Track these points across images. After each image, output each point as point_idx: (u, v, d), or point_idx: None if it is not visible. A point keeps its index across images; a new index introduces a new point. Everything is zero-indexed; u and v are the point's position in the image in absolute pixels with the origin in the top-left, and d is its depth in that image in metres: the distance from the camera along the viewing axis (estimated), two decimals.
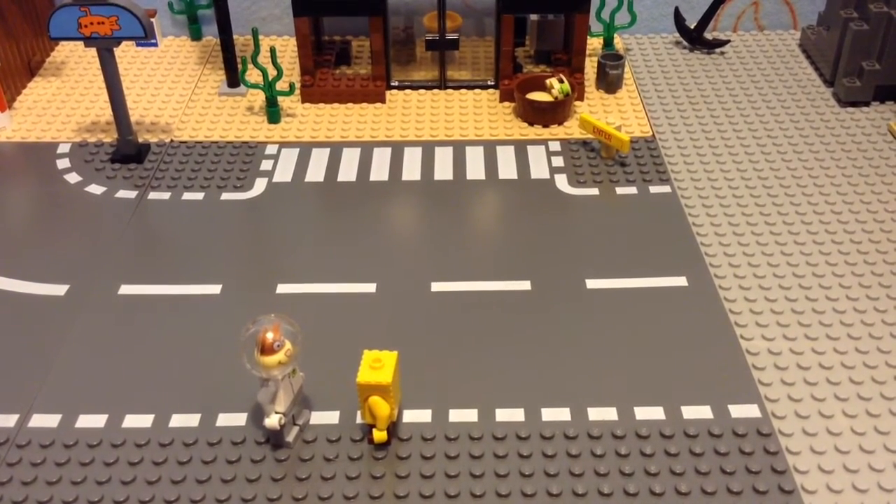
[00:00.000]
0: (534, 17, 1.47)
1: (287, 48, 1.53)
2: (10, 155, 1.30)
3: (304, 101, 1.39)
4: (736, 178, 1.24)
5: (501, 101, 1.40)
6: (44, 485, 0.82)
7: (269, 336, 0.78)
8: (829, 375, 0.93)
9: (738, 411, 0.88)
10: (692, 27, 1.55)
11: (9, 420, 0.88)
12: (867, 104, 1.39)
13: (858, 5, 1.37)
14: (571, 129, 1.33)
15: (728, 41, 1.55)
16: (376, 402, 0.81)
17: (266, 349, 0.78)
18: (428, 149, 1.29)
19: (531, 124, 1.35)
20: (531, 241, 1.12)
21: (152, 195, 1.20)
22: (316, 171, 1.24)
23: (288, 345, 0.80)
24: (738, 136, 1.33)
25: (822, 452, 0.85)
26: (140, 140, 1.29)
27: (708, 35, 1.55)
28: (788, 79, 1.48)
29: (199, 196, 1.20)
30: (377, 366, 0.80)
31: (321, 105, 1.39)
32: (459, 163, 1.26)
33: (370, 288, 1.04)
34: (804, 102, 1.41)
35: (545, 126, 1.34)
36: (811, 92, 1.44)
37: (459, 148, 1.29)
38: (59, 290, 1.04)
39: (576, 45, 1.40)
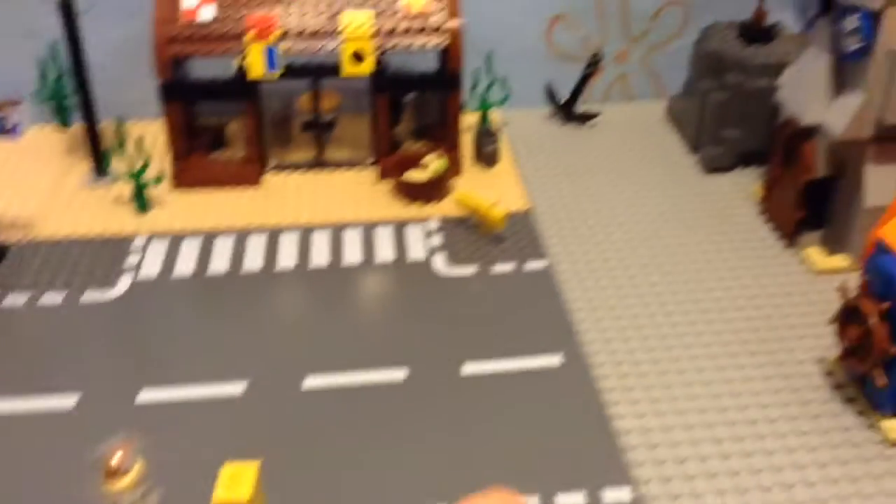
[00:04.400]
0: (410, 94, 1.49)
1: (158, 133, 1.50)
2: None
3: (175, 187, 1.36)
4: (608, 249, 1.27)
5: (380, 179, 1.40)
6: None
7: (115, 461, 0.74)
8: (700, 451, 0.94)
9: (612, 495, 0.88)
10: (564, 101, 1.59)
11: None
12: (730, 170, 1.45)
13: (717, 76, 1.44)
14: (449, 206, 1.34)
15: (598, 114, 1.60)
16: None
17: (111, 474, 0.74)
18: (304, 234, 1.27)
19: (409, 203, 1.35)
20: (408, 327, 1.11)
21: (8, 300, 1.13)
22: (185, 264, 1.20)
23: (137, 466, 0.76)
24: (610, 207, 1.37)
25: None
26: None
27: (579, 108, 1.60)
28: (656, 148, 1.53)
29: (59, 298, 1.14)
30: (235, 482, 0.77)
31: (194, 191, 1.36)
32: (336, 247, 1.25)
33: (239, 389, 1.00)
34: (671, 170, 1.46)
35: (423, 203, 1.35)
36: (678, 160, 1.49)
37: (337, 231, 1.28)
38: None
39: (450, 122, 1.42)
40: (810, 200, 1.23)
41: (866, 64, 1.09)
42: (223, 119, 1.50)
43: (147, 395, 0.99)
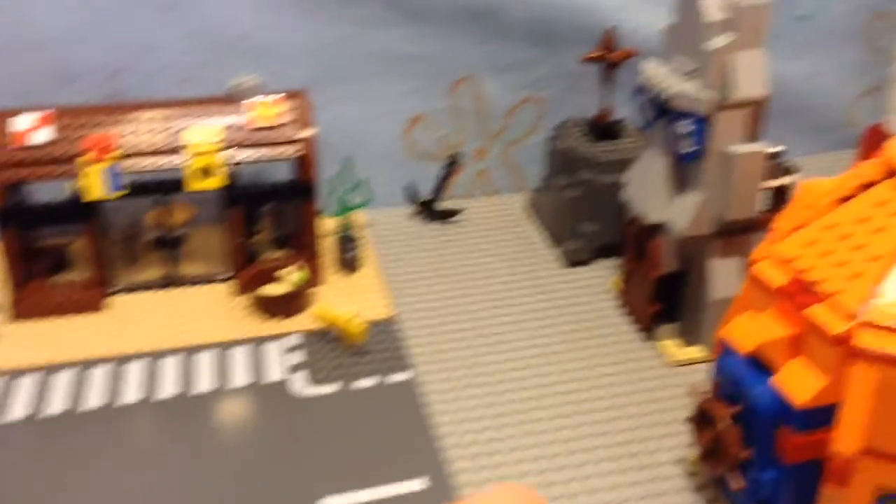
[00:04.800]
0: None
1: None
2: None
3: (14, 318, 1.27)
4: (474, 353, 1.25)
5: (237, 294, 1.35)
6: None
7: None
8: None
9: None
10: (426, 200, 1.59)
11: None
12: (590, 263, 1.47)
13: (570, 172, 1.46)
14: (310, 319, 1.30)
15: (460, 210, 1.60)
16: None
17: None
18: (152, 363, 1.20)
19: (268, 318, 1.30)
20: (263, 459, 1.05)
21: None
22: (18, 407, 1.11)
23: None
24: (475, 306, 1.35)
25: None
26: None
27: (441, 206, 1.60)
28: (520, 242, 1.54)
29: None
30: None
31: (34, 321, 1.27)
32: (186, 375, 1.18)
33: None
34: (535, 265, 1.47)
35: (283, 318, 1.30)
36: (541, 254, 1.50)
37: (188, 357, 1.21)
38: None
39: (307, 232, 1.38)
40: (664, 293, 1.25)
41: (702, 165, 1.12)
42: (66, 239, 1.43)
43: None
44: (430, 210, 1.59)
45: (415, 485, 1.01)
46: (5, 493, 0.99)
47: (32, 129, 1.26)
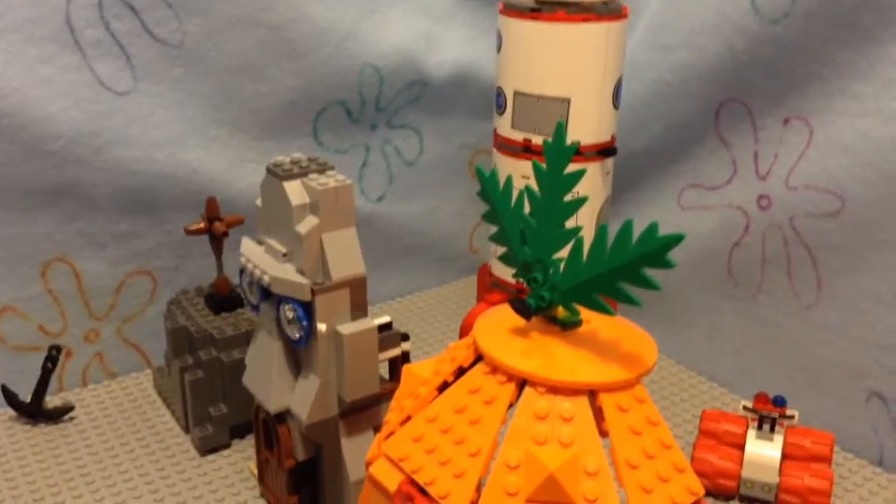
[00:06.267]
0: None
1: None
2: None
3: None
4: None
5: None
6: None
7: None
8: None
9: None
10: (28, 401, 1.37)
11: None
12: (227, 447, 1.36)
13: (190, 351, 1.35)
14: None
15: (72, 406, 1.40)
16: None
17: None
18: None
19: None
20: None
21: None
22: None
23: None
24: None
25: None
26: None
27: (49, 404, 1.39)
28: (148, 431, 1.38)
29: None
30: None
31: None
32: None
33: None
34: (166, 456, 1.32)
35: None
36: (171, 442, 1.36)
37: None
38: None
39: None
40: (302, 479, 1.17)
41: (313, 348, 1.08)
42: None
43: None
44: (38, 411, 1.38)
45: None
46: None
47: None
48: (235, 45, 1.45)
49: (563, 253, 0.84)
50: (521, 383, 0.82)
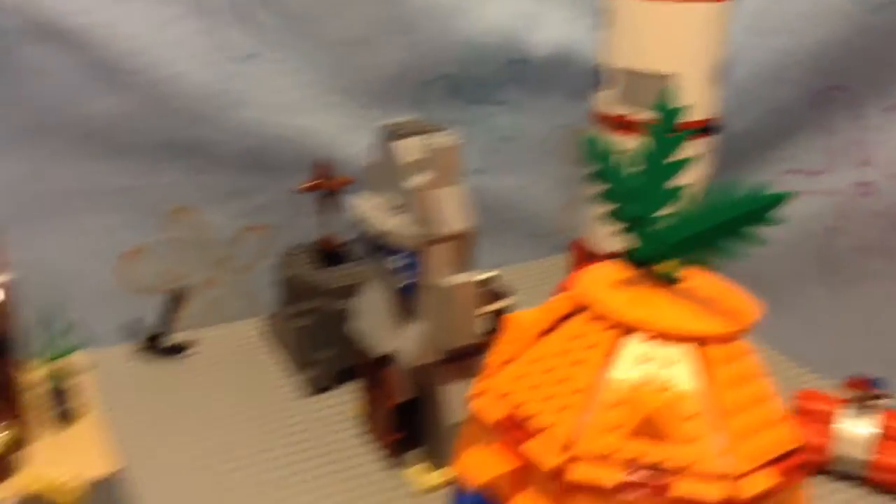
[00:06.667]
0: None
1: None
2: None
3: None
4: (214, 500, 1.17)
5: None
6: None
7: None
8: None
9: None
10: (151, 336, 1.50)
11: None
12: (332, 389, 1.45)
13: (299, 300, 1.45)
14: (16, 486, 1.16)
15: (191, 344, 1.53)
16: None
17: None
18: None
19: None
20: None
21: None
22: None
23: None
24: (213, 449, 1.28)
25: None
26: None
27: (170, 340, 1.52)
28: (258, 372, 1.49)
29: None
30: None
31: None
32: None
33: None
34: (275, 395, 1.42)
35: None
36: (280, 383, 1.46)
37: None
38: None
39: (8, 390, 1.24)
40: (405, 420, 1.26)
41: (420, 296, 1.16)
42: None
43: None
44: (158, 346, 1.50)
45: None
46: None
47: None
48: (351, 18, 1.54)
49: (669, 210, 0.89)
50: (624, 332, 0.88)
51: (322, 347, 1.43)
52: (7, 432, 1.19)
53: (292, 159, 1.54)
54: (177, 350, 1.51)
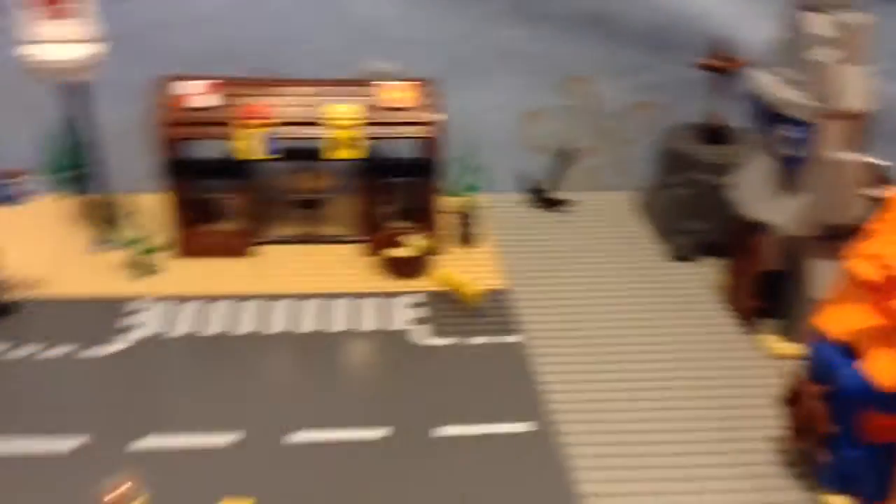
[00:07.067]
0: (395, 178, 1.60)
1: (159, 206, 1.59)
2: None
3: (175, 256, 1.45)
4: (579, 328, 1.36)
5: (366, 255, 1.50)
6: None
7: (118, 494, 0.81)
8: None
9: None
10: (539, 188, 1.71)
11: None
12: (694, 259, 1.56)
13: (680, 172, 1.57)
14: (430, 283, 1.43)
15: (571, 201, 1.72)
16: None
17: None
18: (294, 302, 1.36)
19: (393, 278, 1.44)
20: (386, 391, 1.20)
21: (17, 352, 1.21)
22: (183, 325, 1.29)
23: (139, 501, 0.82)
24: (581, 289, 1.47)
25: None
26: (6, 297, 1.31)
27: (555, 196, 1.72)
28: (625, 235, 1.64)
29: (64, 351, 1.22)
30: None
31: (192, 260, 1.45)
32: (324, 315, 1.34)
33: (231, 438, 1.08)
34: (639, 257, 1.57)
35: (405, 279, 1.44)
36: (645, 248, 1.60)
37: (325, 301, 1.37)
38: None
39: (431, 206, 1.52)
40: (766, 291, 1.34)
41: (807, 170, 1.21)
42: (221, 194, 1.61)
43: (145, 442, 1.06)
44: (543, 198, 1.71)
45: (520, 427, 1.13)
46: (169, 391, 1.17)
47: (201, 94, 1.43)
48: None
49: None
50: None
51: (691, 218, 1.54)
52: (425, 239, 1.46)
53: (691, 40, 1.63)
54: (558, 204, 1.71)
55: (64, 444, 1.05)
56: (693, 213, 1.54)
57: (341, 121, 1.43)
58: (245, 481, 1.00)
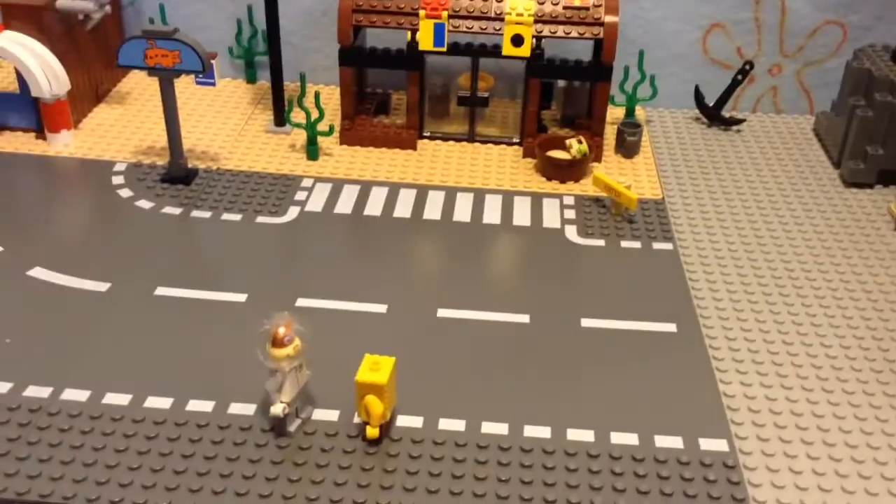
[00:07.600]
0: (561, 83, 1.58)
1: (332, 96, 1.66)
2: (71, 169, 1.43)
3: (341, 143, 1.52)
4: (736, 242, 1.32)
5: (524, 157, 1.50)
6: (68, 448, 0.91)
7: (281, 331, 0.88)
8: (799, 422, 0.99)
9: (708, 444, 0.94)
10: (711, 105, 1.65)
11: (43, 391, 0.98)
12: (871, 186, 1.47)
13: (866, 94, 1.46)
14: (586, 187, 1.42)
15: (744, 120, 1.65)
16: (371, 400, 0.89)
17: (277, 342, 0.88)
18: (450, 194, 1.39)
19: (549, 179, 1.44)
20: (535, 280, 1.21)
21: (195, 213, 1.32)
22: (345, 205, 1.35)
23: (297, 341, 0.89)
24: (743, 206, 1.41)
25: (781, 487, 0.90)
26: (189, 165, 1.42)
27: (726, 113, 1.65)
28: (798, 158, 1.56)
29: (237, 217, 1.31)
30: (375, 368, 0.89)
31: (357, 148, 1.51)
32: (478, 208, 1.36)
33: (381, 308, 1.13)
34: (811, 181, 1.49)
35: (562, 182, 1.44)
36: (819, 172, 1.52)
37: (479, 195, 1.39)
38: (102, 286, 1.15)
39: (596, 112, 1.50)
40: None
41: None
42: (388, 90, 1.66)
43: (303, 302, 1.13)
44: (714, 115, 1.65)
45: (668, 327, 1.12)
46: (328, 260, 1.23)
47: None
48: None
49: None
50: None
51: (874, 142, 1.44)
52: (585, 143, 1.45)
53: None
54: (729, 122, 1.64)
55: (233, 297, 1.14)
56: (874, 136, 1.44)
57: (517, 16, 1.42)
58: (389, 344, 1.05)
